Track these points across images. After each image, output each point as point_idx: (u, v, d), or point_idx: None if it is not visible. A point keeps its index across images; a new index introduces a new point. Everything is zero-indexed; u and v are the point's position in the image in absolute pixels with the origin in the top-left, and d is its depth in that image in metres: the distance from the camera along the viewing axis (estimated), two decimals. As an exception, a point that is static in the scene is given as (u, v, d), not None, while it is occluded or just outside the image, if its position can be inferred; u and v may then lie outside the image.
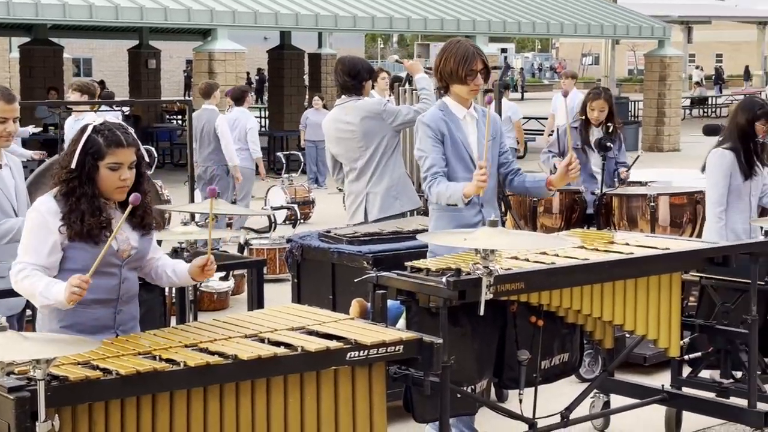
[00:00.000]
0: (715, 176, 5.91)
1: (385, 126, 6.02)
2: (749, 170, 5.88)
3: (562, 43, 76.37)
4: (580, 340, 4.72)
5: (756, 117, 5.84)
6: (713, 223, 5.91)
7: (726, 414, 5.05)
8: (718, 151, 5.96)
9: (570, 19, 21.35)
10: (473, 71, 4.68)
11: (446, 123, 4.70)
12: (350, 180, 6.16)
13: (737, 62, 74.62)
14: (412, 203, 6.22)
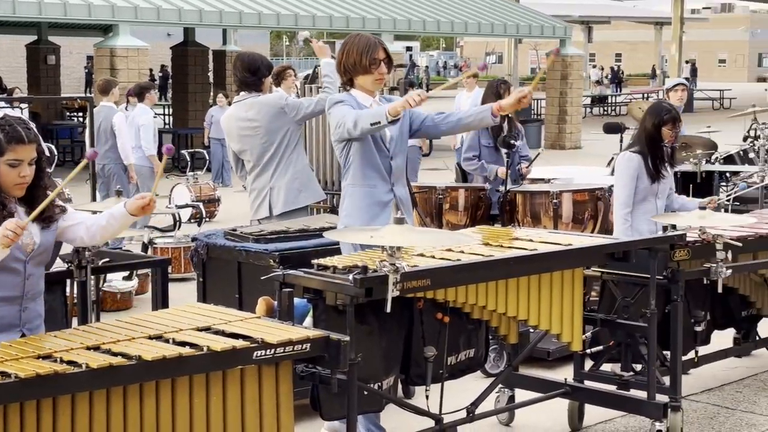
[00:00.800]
0: (622, 179, 6.04)
1: (288, 120, 6.00)
2: (656, 173, 6.00)
3: (467, 42, 77.15)
4: (486, 336, 4.77)
5: (663, 122, 5.95)
6: (620, 224, 6.03)
7: (626, 406, 5.16)
8: (626, 154, 6.09)
9: (474, 18, 21.57)
10: (376, 60, 4.73)
11: (357, 108, 4.73)
12: (254, 176, 6.12)
13: (635, 62, 76.42)
14: (316, 196, 6.21)
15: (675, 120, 5.97)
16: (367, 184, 4.79)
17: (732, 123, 12.73)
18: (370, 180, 4.79)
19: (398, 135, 4.83)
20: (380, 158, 4.77)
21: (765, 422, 5.42)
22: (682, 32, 38.31)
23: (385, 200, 4.78)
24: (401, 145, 4.86)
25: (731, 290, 5.55)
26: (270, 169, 6.04)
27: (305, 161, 6.22)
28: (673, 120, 5.97)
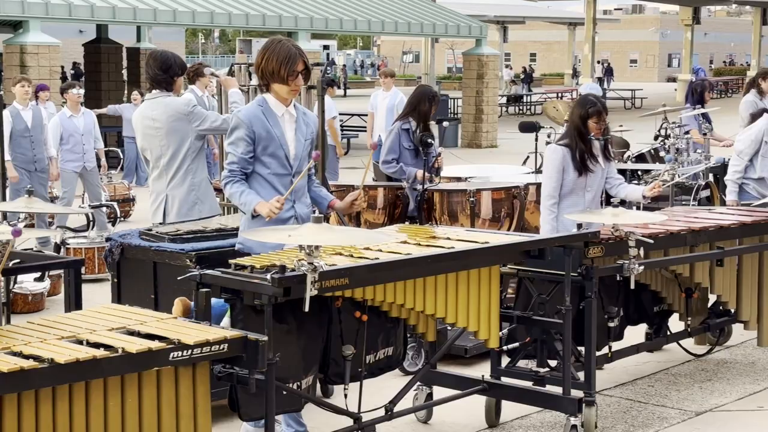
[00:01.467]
0: (548, 170, 6.14)
1: (191, 128, 5.91)
2: (583, 166, 6.08)
3: (384, 41, 77.37)
4: (404, 334, 4.79)
5: (588, 115, 6.04)
6: (545, 215, 6.13)
7: (542, 401, 5.23)
8: (552, 146, 6.21)
9: (391, 17, 21.62)
10: (294, 71, 4.72)
11: (264, 119, 4.73)
12: (153, 177, 6.05)
13: (550, 61, 77.52)
14: (211, 210, 6.11)
15: (600, 113, 6.06)
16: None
17: (643, 122, 12.99)
18: (270, 198, 4.75)
19: (302, 153, 4.83)
20: (281, 176, 4.76)
21: (676, 415, 5.54)
22: (594, 33, 39.02)
23: (285, 218, 4.75)
24: (304, 163, 4.85)
25: (643, 286, 5.66)
26: (168, 175, 5.94)
27: (205, 174, 6.11)
28: (599, 113, 6.06)
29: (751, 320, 6.18)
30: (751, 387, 6.03)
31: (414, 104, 7.53)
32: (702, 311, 6.23)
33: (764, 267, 6.15)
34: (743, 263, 6.03)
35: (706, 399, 5.81)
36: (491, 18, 44.67)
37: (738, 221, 6.00)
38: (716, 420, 5.48)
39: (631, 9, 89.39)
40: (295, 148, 4.80)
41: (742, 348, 6.84)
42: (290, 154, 4.79)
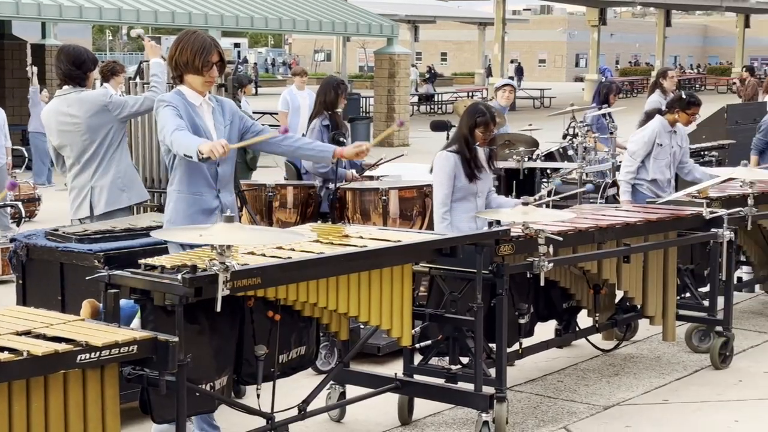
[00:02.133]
0: (440, 178, 6.15)
1: (111, 118, 5.85)
2: (472, 173, 6.12)
3: (295, 39, 77.13)
4: (317, 333, 4.78)
5: (476, 124, 6.07)
6: (439, 224, 6.14)
7: (454, 398, 5.27)
8: (443, 153, 6.19)
9: (302, 15, 21.56)
10: (209, 62, 4.69)
11: (185, 107, 4.68)
12: (74, 173, 5.94)
13: (461, 61, 78.19)
14: (139, 196, 6.07)
15: (488, 123, 6.08)
16: (193, 192, 4.73)
17: (552, 121, 13.17)
18: (196, 187, 4.72)
19: (227, 141, 4.77)
20: (207, 165, 4.70)
21: (585, 410, 5.64)
22: (504, 33, 39.44)
23: (211, 207, 4.72)
24: (230, 152, 4.79)
25: (553, 283, 5.74)
26: (91, 168, 5.87)
27: (129, 161, 6.07)
28: (486, 123, 6.08)
29: (657, 316, 6.32)
30: (656, 381, 6.16)
31: (321, 95, 7.55)
32: (609, 307, 6.35)
33: (669, 264, 6.29)
34: (649, 260, 6.16)
35: (613, 393, 5.92)
36: (402, 17, 44.88)
37: (643, 219, 6.13)
38: (623, 414, 5.59)
39: (540, 10, 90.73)
40: (216, 135, 4.75)
41: (647, 343, 6.99)
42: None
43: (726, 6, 49.89)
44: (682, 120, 7.82)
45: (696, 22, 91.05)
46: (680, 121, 7.82)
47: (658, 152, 7.77)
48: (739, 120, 12.87)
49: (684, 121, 7.84)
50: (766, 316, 7.79)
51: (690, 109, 7.77)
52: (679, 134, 7.90)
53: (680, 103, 7.78)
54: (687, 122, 7.91)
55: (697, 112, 7.90)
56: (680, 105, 7.77)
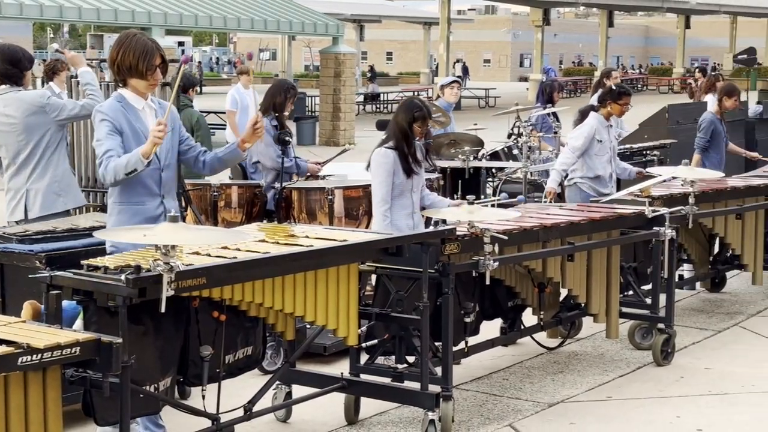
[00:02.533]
0: (379, 175, 6.10)
1: (49, 120, 5.76)
2: (410, 168, 6.11)
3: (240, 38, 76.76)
4: (263, 333, 4.76)
5: (414, 119, 6.06)
6: (380, 221, 6.10)
7: (400, 397, 5.28)
8: (381, 150, 6.13)
9: (247, 14, 21.46)
10: (152, 65, 4.63)
11: (125, 114, 4.62)
12: (10, 174, 5.85)
13: (406, 60, 78.35)
14: (76, 201, 5.98)
15: (425, 117, 6.10)
16: (134, 202, 4.62)
17: (497, 121, 13.26)
18: (137, 197, 4.63)
19: (170, 146, 4.74)
20: (149, 171, 4.61)
21: (530, 407, 5.68)
22: (449, 32, 39.60)
23: (156, 215, 4.64)
24: (173, 156, 4.76)
25: (498, 282, 5.78)
26: (27, 170, 5.78)
27: (66, 165, 5.97)
28: (424, 118, 6.10)
29: (600, 313, 6.38)
30: (600, 378, 6.23)
31: (271, 97, 7.52)
32: (554, 305, 6.40)
33: (612, 262, 6.36)
34: (592, 258, 6.22)
35: (558, 390, 5.98)
36: (348, 16, 44.90)
37: (587, 218, 6.19)
38: (568, 411, 5.64)
39: (484, 10, 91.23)
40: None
41: (591, 340, 7.06)
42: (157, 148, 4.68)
43: (667, 7, 50.58)
44: (616, 111, 7.92)
45: (638, 22, 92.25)
46: (614, 113, 7.92)
47: (599, 148, 7.86)
48: (680, 120, 13.05)
49: (617, 112, 7.95)
50: (706, 313, 7.91)
51: (621, 100, 7.88)
52: (614, 128, 8.05)
53: (611, 95, 7.89)
54: (620, 113, 8.02)
55: (629, 101, 8.00)
56: (611, 97, 7.88)
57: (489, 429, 5.35)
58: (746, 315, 7.82)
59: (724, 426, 5.40)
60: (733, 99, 9.23)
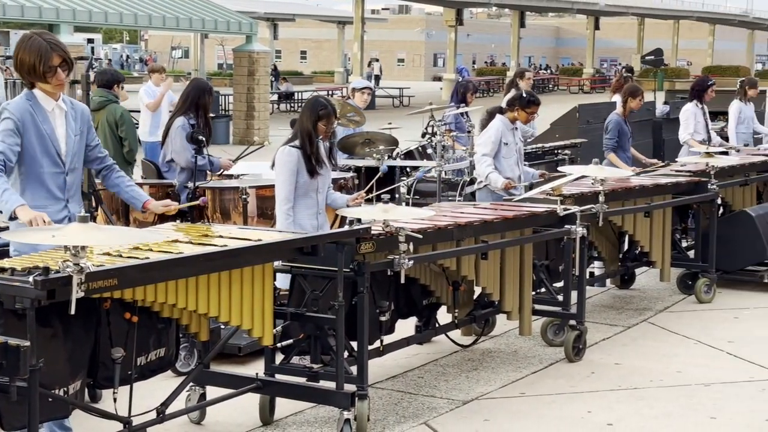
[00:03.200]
0: (283, 174, 6.10)
1: None
2: (313, 168, 6.10)
3: (152, 36, 75.79)
4: (176, 334, 4.71)
5: (319, 117, 6.07)
6: (283, 220, 6.10)
7: (316, 397, 5.27)
8: (285, 148, 6.12)
9: (159, 11, 21.19)
10: (52, 67, 4.54)
11: (32, 114, 4.52)
12: None
13: (321, 59, 78.23)
14: None
15: (330, 116, 6.11)
16: (36, 206, 4.50)
17: (411, 120, 13.32)
18: (39, 201, 4.54)
19: (77, 150, 4.66)
20: (54, 174, 4.54)
21: (445, 405, 5.72)
22: (363, 32, 39.68)
23: (58, 219, 4.56)
24: (78, 160, 4.69)
25: (413, 280, 5.80)
26: None
27: None
28: (329, 116, 6.10)
29: (513, 311, 6.45)
30: (513, 375, 6.30)
31: (193, 98, 7.43)
32: (468, 303, 6.46)
33: (525, 260, 6.44)
34: (506, 256, 6.29)
35: (472, 388, 6.03)
36: (261, 15, 44.66)
37: (500, 216, 6.25)
38: (482, 408, 5.69)
39: (398, 9, 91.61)
40: (66, 144, 4.63)
41: (505, 338, 7.13)
42: (62, 151, 4.61)
43: (577, 8, 51.48)
44: (522, 118, 8.00)
45: (549, 23, 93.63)
46: (519, 119, 8.00)
47: (506, 151, 7.92)
48: (590, 119, 13.28)
49: (523, 119, 8.03)
50: (616, 309, 8.06)
51: (530, 108, 7.97)
52: (519, 130, 8.16)
53: (521, 102, 7.96)
54: (526, 120, 8.10)
55: (536, 111, 8.10)
56: (521, 104, 7.96)
57: (404, 427, 5.37)
58: (655, 311, 7.99)
59: (634, 420, 5.51)
60: (637, 99, 9.45)
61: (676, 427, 5.41)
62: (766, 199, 9.56)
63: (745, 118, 11.94)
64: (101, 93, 9.01)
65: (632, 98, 9.40)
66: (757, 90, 12.11)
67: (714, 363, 6.57)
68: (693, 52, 75.78)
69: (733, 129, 11.88)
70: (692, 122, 10.55)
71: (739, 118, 11.87)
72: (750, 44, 70.37)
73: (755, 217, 8.60)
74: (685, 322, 7.60)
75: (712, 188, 8.19)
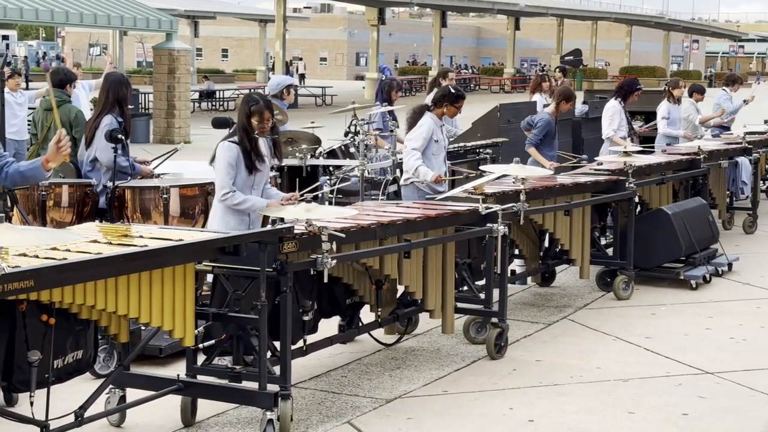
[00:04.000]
0: (220, 165, 6.16)
1: None
2: (252, 164, 6.14)
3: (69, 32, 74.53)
4: (95, 336, 4.63)
5: (250, 113, 6.12)
6: (223, 205, 6.15)
7: (238, 398, 5.23)
8: (225, 143, 6.20)
9: (76, 8, 20.82)
10: None
11: None
12: None
13: (242, 57, 77.76)
14: None
15: (262, 111, 6.11)
16: None
17: (334, 119, 13.30)
18: None
19: None
20: None
21: (368, 404, 5.72)
22: (285, 30, 39.52)
23: None
24: None
25: (336, 279, 5.79)
26: None
27: None
28: (260, 111, 6.11)
29: (436, 309, 6.48)
30: (436, 372, 6.33)
31: (114, 93, 7.32)
32: (391, 302, 6.47)
33: (447, 258, 6.47)
34: (428, 255, 6.31)
35: (395, 386, 6.04)
36: (182, 12, 44.18)
37: (423, 215, 6.27)
38: (405, 406, 5.71)
39: (320, 8, 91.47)
40: None
41: (428, 336, 7.17)
42: None
43: (497, 9, 51.96)
44: (450, 113, 8.18)
45: (470, 23, 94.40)
46: (448, 114, 8.18)
47: (435, 148, 8.05)
48: (511, 119, 13.41)
49: (451, 114, 8.21)
50: (537, 306, 8.16)
51: (458, 102, 8.13)
52: (445, 127, 8.34)
53: (449, 98, 8.10)
54: (453, 115, 8.28)
55: (462, 104, 8.25)
56: (449, 99, 8.09)
57: (328, 427, 5.36)
58: (575, 308, 8.11)
59: (555, 416, 5.58)
60: (570, 104, 9.69)
61: (596, 422, 5.50)
62: (682, 198, 9.76)
63: (673, 119, 12.22)
64: (55, 93, 8.84)
65: (565, 102, 9.65)
66: (681, 89, 12.37)
67: (632, 359, 6.69)
68: (611, 53, 77.15)
69: (661, 129, 12.15)
70: (617, 119, 10.77)
71: (668, 120, 12.15)
72: (666, 45, 71.84)
73: (671, 215, 8.77)
74: (604, 319, 7.72)
75: (629, 187, 8.34)
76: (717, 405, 5.77)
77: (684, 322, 7.65)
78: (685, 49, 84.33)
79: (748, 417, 5.55)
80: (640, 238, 8.58)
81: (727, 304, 8.20)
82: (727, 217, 11.52)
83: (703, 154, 10.10)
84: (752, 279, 9.06)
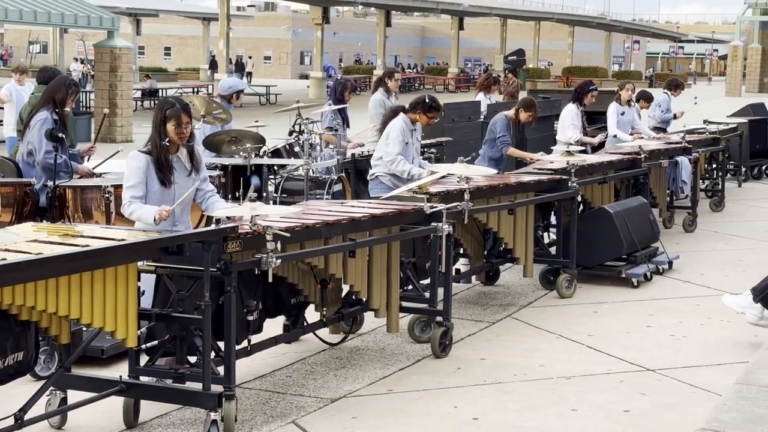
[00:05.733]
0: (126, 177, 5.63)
1: None
2: (165, 177, 5.63)
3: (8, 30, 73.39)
4: (35, 337, 4.57)
5: (165, 117, 5.60)
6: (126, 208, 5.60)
7: (182, 399, 5.19)
8: (133, 152, 5.69)
9: (15, 4, 20.50)
10: None
11: None
12: None
13: (185, 56, 77.18)
14: None
15: (179, 115, 5.57)
16: None
17: (278, 118, 13.26)
18: None
19: None
20: None
21: (313, 403, 5.71)
22: (229, 29, 39.29)
23: None
24: None
25: (281, 279, 5.77)
26: None
27: None
28: (177, 115, 5.56)
29: (381, 308, 6.49)
30: (381, 372, 6.34)
31: (49, 92, 7.26)
32: (336, 301, 6.46)
33: (392, 257, 6.48)
34: (373, 254, 6.32)
35: (340, 386, 6.04)
36: (123, 10, 43.75)
37: (368, 214, 6.28)
38: (349, 406, 5.71)
39: (264, 6, 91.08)
40: None
41: (373, 335, 7.17)
42: None
43: (441, 9, 52.14)
44: (422, 121, 8.43)
45: (414, 23, 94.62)
46: (420, 121, 8.43)
47: (406, 150, 8.29)
48: (456, 118, 13.48)
49: (424, 122, 8.45)
50: (481, 305, 8.20)
51: (431, 113, 8.40)
52: (418, 131, 8.52)
53: (423, 107, 8.36)
54: (426, 124, 8.53)
55: (437, 117, 8.53)
56: (423, 108, 8.36)
57: (272, 427, 5.34)
58: (518, 306, 8.17)
59: (498, 414, 5.62)
60: (528, 114, 9.79)
61: (539, 419, 5.54)
62: (623, 197, 9.88)
63: (624, 122, 12.35)
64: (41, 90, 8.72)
65: (524, 111, 9.80)
66: (628, 92, 12.52)
67: (575, 357, 6.76)
68: (553, 53, 77.81)
69: (611, 130, 12.30)
70: (578, 123, 11.08)
71: (618, 122, 12.30)
72: (607, 45, 72.63)
73: (613, 214, 8.88)
74: (547, 317, 7.78)
75: (572, 186, 8.43)
76: (658, 401, 5.85)
77: (625, 319, 7.74)
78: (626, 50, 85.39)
79: (688, 413, 5.63)
80: (583, 237, 8.67)
81: (668, 302, 8.32)
82: (668, 215, 11.68)
83: (644, 154, 10.25)
84: (692, 277, 9.20)
